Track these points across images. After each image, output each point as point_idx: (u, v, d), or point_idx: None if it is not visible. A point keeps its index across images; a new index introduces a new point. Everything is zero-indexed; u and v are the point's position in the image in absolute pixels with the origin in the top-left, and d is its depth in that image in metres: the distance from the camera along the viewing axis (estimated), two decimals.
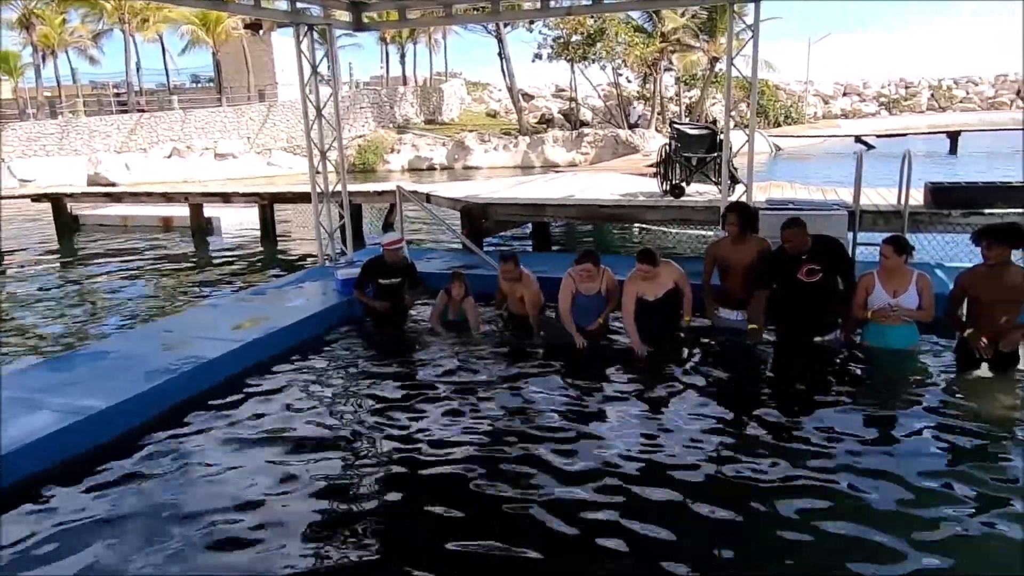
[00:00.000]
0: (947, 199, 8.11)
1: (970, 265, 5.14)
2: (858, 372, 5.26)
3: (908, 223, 7.87)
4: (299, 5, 7.80)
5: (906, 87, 57.34)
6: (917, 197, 8.39)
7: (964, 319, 4.98)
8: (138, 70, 38.44)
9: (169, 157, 30.96)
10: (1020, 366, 4.87)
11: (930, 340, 5.41)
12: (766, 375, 5.34)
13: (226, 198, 14.55)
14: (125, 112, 34.86)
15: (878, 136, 33.62)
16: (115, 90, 38.74)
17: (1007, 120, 42.04)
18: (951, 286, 5.11)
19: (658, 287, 5.74)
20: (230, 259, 12.45)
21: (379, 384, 5.29)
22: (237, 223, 15.16)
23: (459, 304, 6.49)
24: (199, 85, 42.82)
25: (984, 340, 4.79)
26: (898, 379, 5.07)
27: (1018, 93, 48.44)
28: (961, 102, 55.04)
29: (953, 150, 31.02)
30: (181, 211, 14.89)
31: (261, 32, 38.43)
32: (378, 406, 4.90)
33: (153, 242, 14.07)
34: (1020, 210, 7.82)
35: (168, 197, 15.26)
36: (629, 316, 5.69)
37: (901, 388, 4.92)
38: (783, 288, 5.45)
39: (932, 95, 56.25)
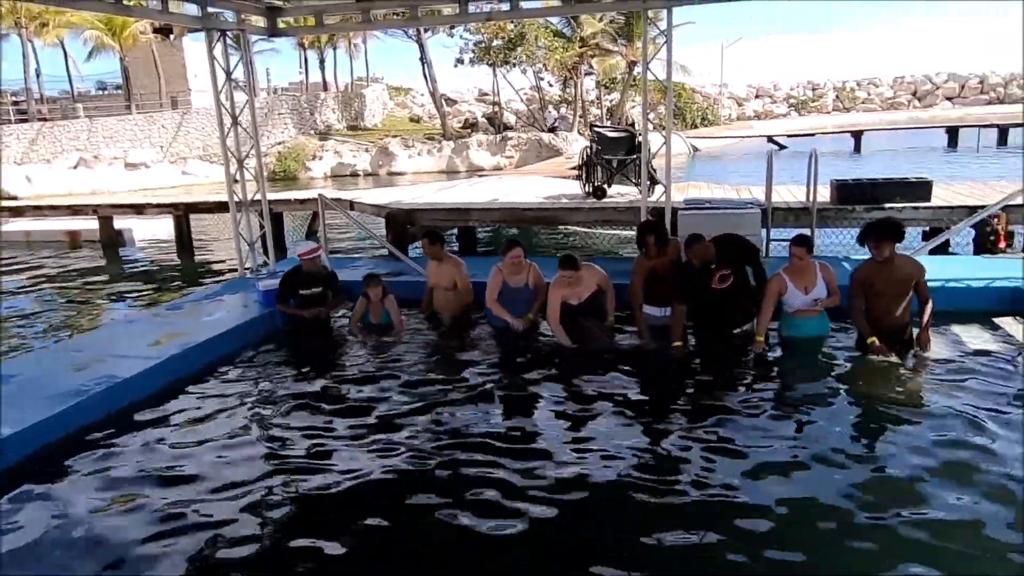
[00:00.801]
0: (851, 195, 8.57)
1: (863, 259, 5.41)
2: (778, 362, 5.47)
3: (816, 219, 8.26)
4: (210, 10, 7.56)
5: (813, 89, 60.13)
6: (824, 194, 8.82)
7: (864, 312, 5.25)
8: (38, 77, 36.47)
9: (75, 168, 29.45)
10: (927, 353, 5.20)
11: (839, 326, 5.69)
12: (691, 370, 5.47)
13: (139, 209, 13.96)
14: (25, 121, 33.00)
15: (788, 136, 35.14)
16: (13, 98, 36.62)
17: (905, 119, 44.70)
18: None
19: (582, 290, 5.87)
20: (145, 273, 11.97)
21: (304, 398, 5.15)
22: (151, 235, 14.59)
23: (380, 306, 6.44)
24: (106, 92, 40.98)
25: (876, 342, 5.04)
26: (814, 366, 5.28)
27: None
28: (863, 103, 58.10)
29: (857, 148, 32.78)
30: (90, 224, 14.20)
31: (172, 37, 37.11)
32: (304, 422, 4.76)
33: (60, 258, 13.37)
34: (916, 204, 8.34)
35: (75, 210, 14.53)
36: (555, 320, 5.82)
37: (816, 375, 5.14)
38: (698, 298, 5.58)
39: (837, 96, 59.18)
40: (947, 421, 4.28)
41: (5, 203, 18.95)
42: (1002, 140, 31.63)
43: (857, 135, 33.92)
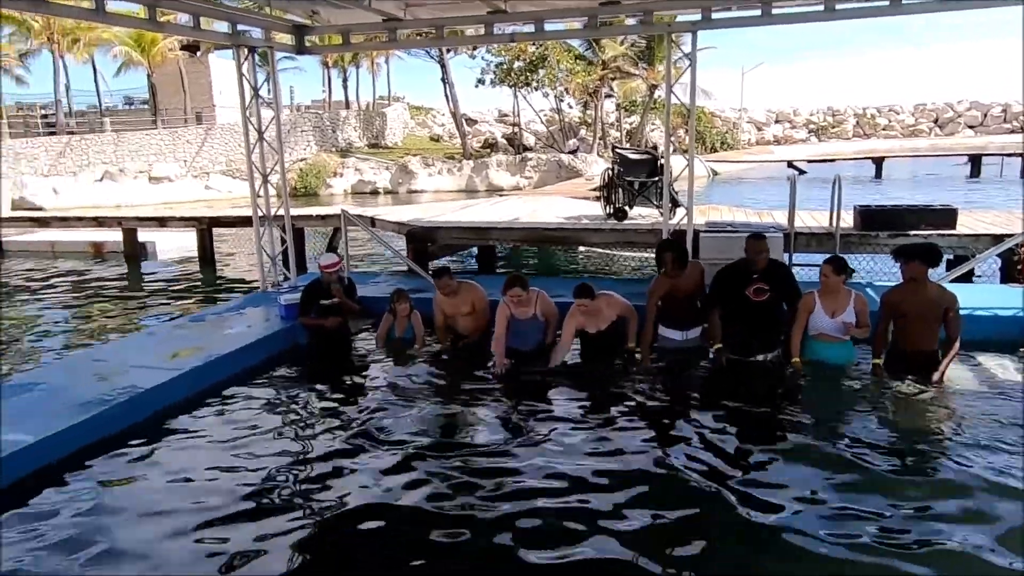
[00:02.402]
0: (875, 221, 8.48)
1: (894, 284, 5.39)
2: (799, 389, 5.39)
3: (840, 244, 8.19)
4: (240, 28, 7.70)
5: (833, 115, 60.03)
6: (847, 219, 8.75)
7: (891, 335, 5.24)
8: (68, 91, 37.21)
9: (100, 181, 29.93)
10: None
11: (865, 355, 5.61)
12: (708, 395, 5.41)
13: (162, 222, 14.15)
14: (53, 134, 33.64)
15: (809, 161, 35.02)
16: (43, 111, 37.38)
17: (926, 146, 44.42)
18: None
19: (601, 320, 5.82)
20: (167, 285, 12.09)
21: (323, 413, 5.17)
22: (174, 248, 14.75)
23: (405, 321, 6.47)
24: (133, 107, 41.73)
25: (879, 365, 5.20)
26: (835, 394, 5.22)
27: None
28: (884, 129, 57.89)
29: (878, 174, 32.58)
30: (114, 236, 14.40)
31: (199, 54, 37.78)
32: (322, 436, 4.77)
33: (84, 269, 13.55)
34: (941, 231, 8.24)
35: (100, 221, 14.74)
36: (566, 345, 5.82)
37: (838, 403, 5.07)
38: (730, 303, 5.57)
39: (857, 123, 59.02)
40: (973, 452, 4.19)
41: (32, 213, 19.29)
42: None
43: (878, 161, 33.74)
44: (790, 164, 33.00)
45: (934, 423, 4.70)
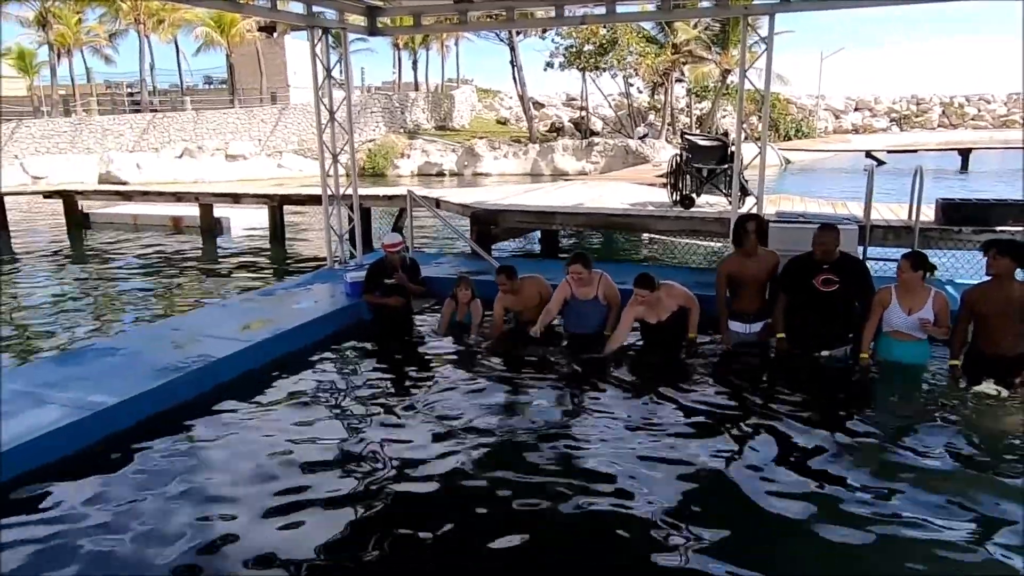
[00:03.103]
0: (958, 216, 8.09)
1: (977, 282, 5.14)
2: (867, 387, 5.21)
3: (919, 239, 7.84)
4: (315, 9, 7.84)
5: (917, 103, 57.32)
6: (928, 213, 8.37)
7: (971, 336, 4.99)
8: (152, 70, 38.80)
9: (180, 157, 31.17)
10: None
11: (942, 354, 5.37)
12: (772, 389, 5.28)
13: (236, 199, 14.62)
14: (138, 112, 35.15)
15: (889, 152, 33.54)
16: (129, 90, 39.07)
17: (1019, 138, 41.91)
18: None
19: (661, 310, 5.73)
20: (239, 260, 12.51)
21: (383, 389, 5.29)
22: (247, 224, 15.23)
23: (467, 307, 6.52)
24: (212, 86, 43.20)
25: (958, 366, 4.95)
26: (907, 394, 5.03)
27: None
28: (972, 120, 54.95)
29: (964, 167, 30.95)
30: (191, 211, 14.95)
31: (275, 35, 38.74)
32: (382, 412, 4.87)
33: (163, 241, 14.15)
34: None
35: (179, 197, 15.34)
36: (623, 333, 5.72)
37: (909, 404, 4.89)
38: (796, 293, 5.43)
39: (943, 112, 56.20)
40: None
41: (117, 187, 20.22)
42: None
43: (965, 153, 32.05)
44: (868, 154, 31.68)
45: (1015, 431, 4.47)
